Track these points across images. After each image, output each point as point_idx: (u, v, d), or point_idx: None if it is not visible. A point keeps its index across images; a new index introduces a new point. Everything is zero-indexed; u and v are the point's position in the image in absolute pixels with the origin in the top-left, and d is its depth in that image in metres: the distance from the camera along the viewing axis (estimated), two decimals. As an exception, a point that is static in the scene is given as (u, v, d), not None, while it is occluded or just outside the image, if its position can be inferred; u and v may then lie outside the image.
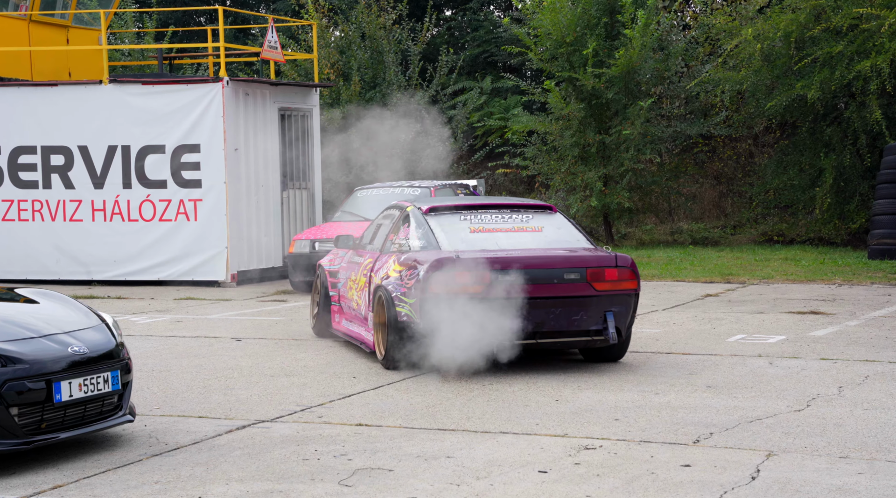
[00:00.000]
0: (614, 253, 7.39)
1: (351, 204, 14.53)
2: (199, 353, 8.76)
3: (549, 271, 7.13)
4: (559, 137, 18.35)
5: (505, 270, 7.03)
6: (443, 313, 6.98)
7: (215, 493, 4.78)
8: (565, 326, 7.21)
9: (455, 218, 7.68)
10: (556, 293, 7.10)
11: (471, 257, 7.10)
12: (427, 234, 7.56)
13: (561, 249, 7.46)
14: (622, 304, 7.30)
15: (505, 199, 8.13)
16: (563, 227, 7.77)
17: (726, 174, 20.88)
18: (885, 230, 14.89)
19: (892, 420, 5.86)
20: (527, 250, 7.33)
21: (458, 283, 6.99)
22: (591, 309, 7.21)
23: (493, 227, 7.59)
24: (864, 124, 15.92)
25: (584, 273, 7.16)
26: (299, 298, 13.08)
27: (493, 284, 7.00)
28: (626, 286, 7.30)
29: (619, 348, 7.60)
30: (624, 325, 7.36)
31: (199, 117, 14.23)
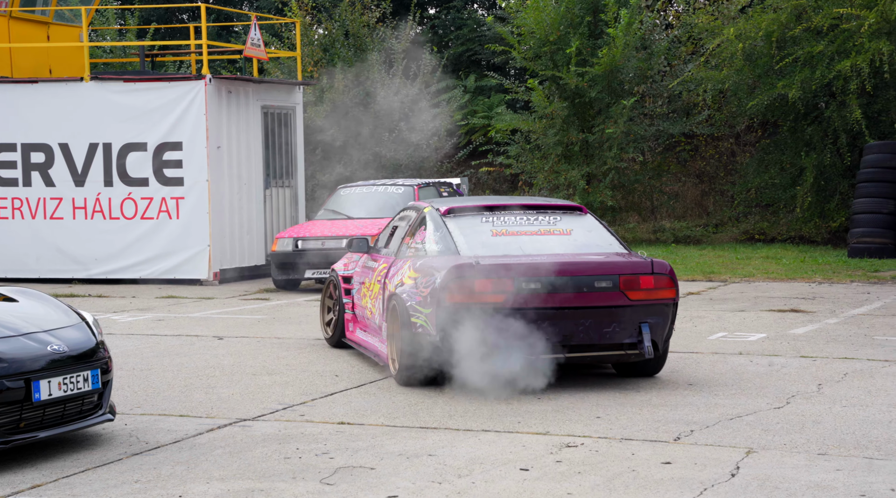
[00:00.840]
0: (650, 259, 6.72)
1: (334, 202, 14.52)
2: (180, 351, 8.73)
3: (577, 279, 6.47)
4: (542, 136, 18.39)
5: (529, 277, 6.41)
6: (461, 325, 6.39)
7: (196, 492, 4.77)
8: (596, 339, 6.55)
9: (476, 220, 7.06)
10: (586, 303, 6.46)
11: (492, 263, 6.50)
12: (445, 237, 6.94)
13: (591, 254, 6.86)
14: (659, 315, 6.64)
15: (531, 200, 7.55)
16: (593, 230, 7.15)
17: (708, 173, 20.98)
18: (864, 229, 14.99)
19: (870, 417, 5.91)
20: (554, 256, 6.68)
21: (477, 291, 6.40)
22: (625, 320, 6.55)
23: (517, 230, 6.96)
24: (844, 124, 16.03)
25: (616, 281, 6.51)
26: (282, 296, 13.05)
27: (516, 293, 6.39)
28: (664, 295, 6.65)
29: (654, 363, 6.95)
30: (661, 338, 6.70)
31: (181, 115, 14.18)
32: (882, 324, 9.49)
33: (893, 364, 7.50)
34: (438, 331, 6.47)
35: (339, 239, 13.33)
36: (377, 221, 13.69)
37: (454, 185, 15.70)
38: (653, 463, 5.04)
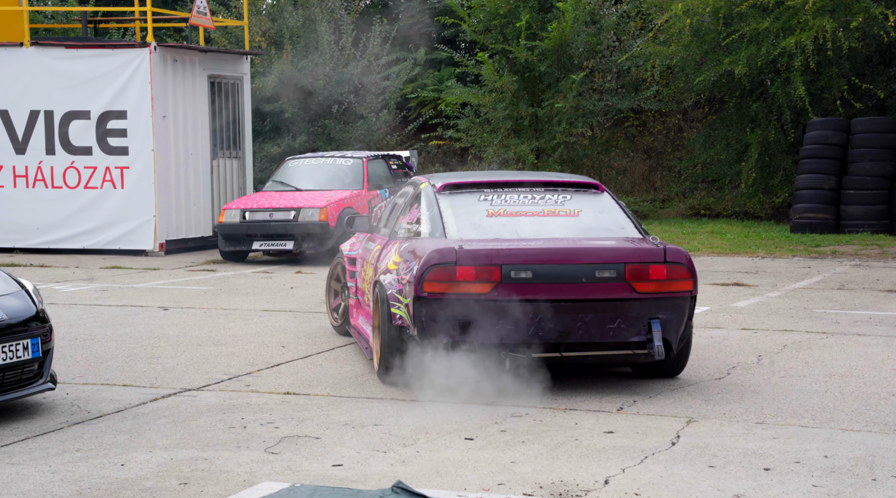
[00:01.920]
0: (663, 245, 5.85)
1: (282, 174, 14.41)
2: (124, 322, 8.62)
3: (575, 268, 5.67)
4: (492, 110, 18.40)
5: (519, 265, 5.63)
6: (440, 319, 5.63)
7: (138, 460, 4.73)
8: (597, 337, 5.70)
9: (473, 198, 6.27)
10: (585, 295, 5.64)
11: (476, 249, 5.70)
12: (434, 217, 6.17)
13: (595, 239, 6.01)
14: (672, 309, 5.76)
15: (544, 175, 6.81)
16: (606, 211, 6.31)
17: (656, 149, 21.17)
18: (806, 204, 15.28)
19: (806, 387, 6.04)
20: (551, 241, 5.90)
21: (458, 281, 5.63)
22: (632, 315, 5.71)
23: (516, 211, 6.17)
24: (788, 100, 16.26)
25: (621, 270, 5.68)
26: (229, 267, 12.95)
27: (503, 284, 5.61)
28: (678, 288, 5.77)
29: (674, 363, 6.13)
30: (675, 336, 5.81)
31: (125, 83, 13.94)
32: (821, 297, 9.70)
33: (831, 336, 7.67)
34: (416, 325, 5.69)
35: (287, 211, 13.25)
36: (326, 193, 13.62)
37: (404, 157, 15.67)
38: (595, 432, 5.11)
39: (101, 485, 4.39)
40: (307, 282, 11.41)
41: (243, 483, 4.39)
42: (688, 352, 6.14)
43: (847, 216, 15.11)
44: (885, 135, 15.06)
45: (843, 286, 10.40)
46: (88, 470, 4.60)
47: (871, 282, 10.70)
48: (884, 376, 6.29)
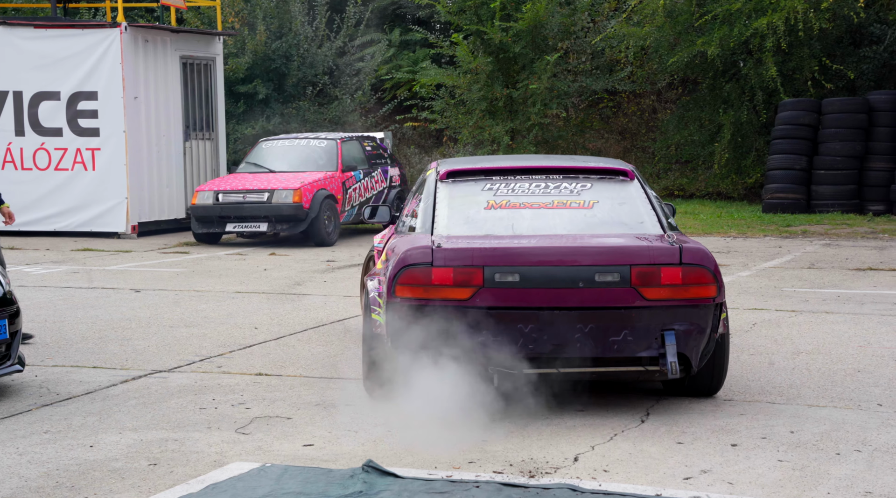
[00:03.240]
0: (681, 244, 5.00)
1: (256, 155, 14.34)
2: (95, 304, 8.58)
3: (570, 270, 4.88)
4: (467, 91, 18.37)
5: (505, 267, 4.88)
6: (416, 328, 4.89)
7: (108, 442, 4.72)
8: (599, 351, 4.90)
9: (477, 187, 5.50)
10: (583, 302, 4.86)
11: (456, 248, 4.98)
12: (427, 210, 5.46)
13: (601, 236, 5.17)
14: (690, 320, 4.90)
15: (567, 160, 6.06)
16: (628, 202, 5.44)
17: (631, 130, 21.23)
18: (778, 185, 15.38)
19: (774, 364, 6.11)
20: (547, 238, 5.11)
21: (435, 285, 4.90)
22: (640, 326, 4.89)
23: (520, 202, 5.37)
24: (760, 81, 16.34)
25: (626, 273, 4.86)
26: (202, 250, 12.89)
27: (485, 288, 4.86)
28: (697, 294, 4.91)
29: (705, 380, 5.26)
30: (695, 350, 4.94)
31: (95, 63, 13.80)
32: (791, 276, 9.79)
33: (799, 314, 7.75)
34: (389, 335, 5.01)
35: (260, 193, 13.20)
36: (299, 175, 13.57)
37: (378, 139, 15.64)
38: (567, 411, 5.14)
39: (70, 466, 4.38)
40: (281, 263, 11.39)
41: (213, 463, 4.39)
42: (724, 366, 5.24)
43: (818, 196, 15.23)
44: (854, 115, 15.18)
45: (813, 265, 10.51)
46: (56, 452, 4.58)
47: (841, 261, 10.81)
48: (850, 353, 6.37)
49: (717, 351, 5.17)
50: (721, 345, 5.19)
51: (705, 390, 5.31)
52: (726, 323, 5.20)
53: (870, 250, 11.62)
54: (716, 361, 5.21)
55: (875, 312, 7.76)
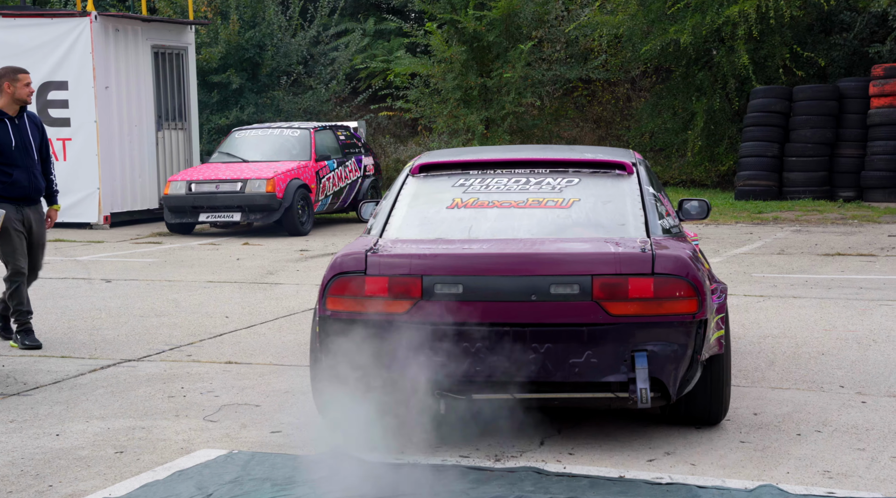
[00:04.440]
0: (654, 251, 4.24)
1: (229, 145, 14.29)
2: (65, 294, 8.54)
3: (521, 281, 4.19)
4: (441, 80, 18.37)
5: (446, 276, 4.24)
6: (348, 347, 4.27)
7: (74, 430, 4.71)
8: (559, 375, 4.21)
9: (448, 183, 4.91)
10: (537, 318, 4.18)
11: (392, 254, 4.36)
12: (386, 209, 4.88)
13: (565, 240, 4.46)
14: (666, 339, 4.19)
15: (555, 152, 5.23)
16: (615, 200, 4.74)
17: (605, 118, 21.30)
18: (750, 172, 15.50)
19: (741, 348, 6.17)
20: (501, 244, 4.43)
21: (369, 296, 4.29)
22: (605, 347, 4.19)
23: (490, 200, 4.75)
24: (732, 69, 16.44)
25: (587, 285, 4.16)
26: (175, 240, 12.84)
27: (424, 301, 4.23)
28: (673, 309, 4.19)
29: (702, 408, 4.55)
30: (672, 376, 4.21)
31: (66, 53, 13.70)
32: (760, 262, 9.88)
33: (767, 299, 7.84)
34: (322, 353, 4.39)
35: (233, 182, 13.15)
36: (273, 165, 13.54)
37: (352, 128, 15.61)
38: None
39: (35, 455, 4.38)
40: (254, 253, 11.36)
41: (181, 451, 4.39)
42: (722, 391, 4.51)
43: (789, 183, 15.36)
44: (825, 102, 15.30)
45: (783, 251, 10.61)
46: (22, 440, 4.57)
47: (810, 246, 10.92)
48: (815, 337, 6.45)
49: (711, 375, 4.44)
50: (716, 368, 4.45)
51: (703, 419, 4.58)
52: (723, 342, 4.45)
53: (839, 236, 11.75)
54: (712, 385, 4.46)
55: (841, 297, 7.85)
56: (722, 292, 4.71)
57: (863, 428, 4.57)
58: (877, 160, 14.87)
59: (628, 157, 5.03)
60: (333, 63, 21.60)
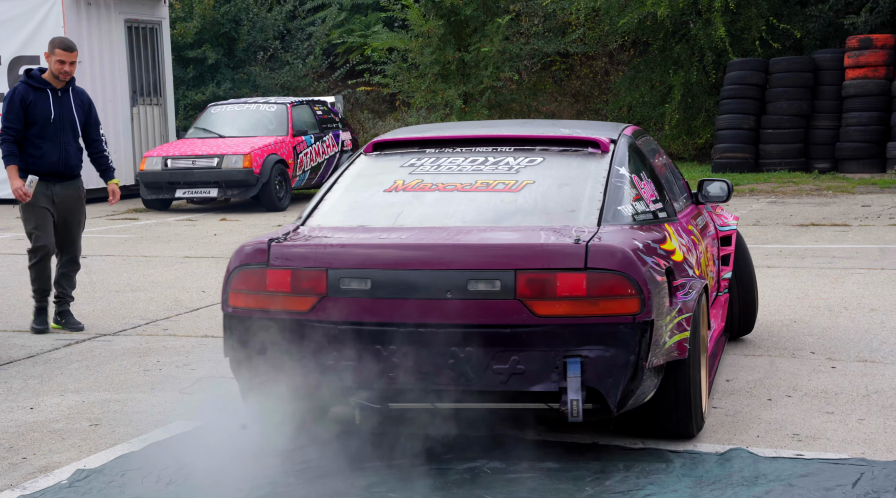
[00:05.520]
0: (586, 241, 3.69)
1: (205, 120, 14.20)
2: (40, 270, 8.48)
3: (436, 276, 3.68)
4: (419, 55, 18.29)
5: (353, 270, 3.75)
6: (250, 349, 3.83)
7: (49, 404, 4.71)
8: (482, 383, 3.68)
9: (397, 162, 4.46)
10: (453, 318, 3.66)
11: (297, 245, 3.88)
12: (322, 192, 4.48)
13: (489, 230, 3.92)
14: (603, 344, 3.64)
15: (525, 128, 4.81)
16: (574, 183, 4.19)
17: (584, 92, 21.29)
18: (727, 144, 15.56)
19: (715, 317, 6.23)
20: (420, 233, 3.93)
21: (270, 292, 3.82)
22: (532, 352, 3.65)
23: (434, 182, 4.27)
24: (709, 41, 16.46)
25: (509, 280, 3.63)
26: (152, 216, 12.78)
27: (330, 297, 3.74)
28: (610, 309, 3.64)
29: (669, 421, 4.00)
30: (612, 386, 3.65)
31: (37, 27, 13.55)
32: (736, 233, 9.94)
33: (742, 269, 7.90)
34: (227, 355, 3.97)
35: (210, 158, 13.09)
36: (249, 140, 13.47)
37: (329, 103, 15.54)
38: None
39: (8, 428, 4.37)
40: (231, 228, 11.33)
41: (156, 423, 4.40)
42: (690, 402, 3.95)
43: (766, 155, 15.44)
44: (800, 74, 15.36)
45: (758, 222, 10.67)
46: (-4, 414, 4.57)
47: (785, 217, 11.00)
48: (788, 305, 6.52)
49: (676, 383, 3.91)
50: (681, 375, 3.90)
51: (673, 433, 4.02)
52: (688, 346, 3.88)
53: (814, 207, 11.83)
54: (678, 395, 3.91)
55: (815, 266, 7.93)
56: (691, 288, 4.03)
57: (832, 392, 4.64)
58: (851, 131, 14.96)
59: (610, 133, 4.48)
60: (310, 38, 21.45)
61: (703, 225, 5.05)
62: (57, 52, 6.00)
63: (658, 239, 4.02)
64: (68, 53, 6.02)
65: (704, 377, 4.19)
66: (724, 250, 5.44)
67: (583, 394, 3.60)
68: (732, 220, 5.67)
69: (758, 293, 5.75)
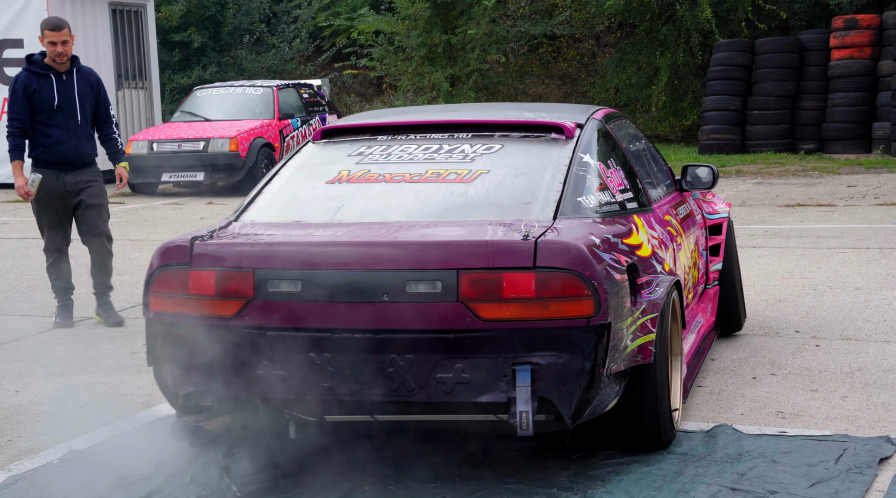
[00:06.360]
0: (536, 237, 3.34)
1: (191, 104, 14.14)
2: (25, 254, 8.46)
3: (372, 276, 3.35)
4: (406, 38, 18.23)
5: (282, 270, 3.41)
6: (173, 357, 3.50)
7: (34, 386, 4.70)
8: (425, 394, 3.35)
9: (346, 151, 4.10)
10: (387, 323, 3.34)
11: (222, 243, 3.52)
12: (263, 182, 4.12)
13: (431, 225, 3.56)
14: (555, 349, 3.31)
15: (485, 112, 4.49)
16: (531, 173, 3.84)
17: (570, 75, 21.28)
18: (713, 126, 15.58)
19: (700, 297, 6.26)
20: (357, 229, 3.55)
21: (193, 295, 3.47)
22: (477, 359, 3.33)
23: (381, 173, 3.89)
24: (695, 23, 16.45)
25: (452, 281, 3.30)
26: (138, 200, 12.73)
27: (257, 301, 3.41)
28: (562, 312, 3.30)
29: (633, 431, 3.67)
30: (566, 395, 3.31)
31: (20, 10, 13.45)
32: (722, 214, 9.97)
33: (728, 249, 7.93)
34: (149, 360, 3.61)
35: (196, 141, 13.03)
36: (235, 124, 13.42)
37: (315, 86, 15.49)
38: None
39: (-5, 410, 4.37)
40: (218, 212, 11.30)
41: (142, 405, 4.40)
42: (657, 409, 3.61)
43: (752, 136, 15.46)
44: (786, 55, 15.37)
45: (745, 203, 10.71)
46: (-19, 397, 4.56)
47: (771, 198, 11.04)
48: (773, 284, 6.55)
49: (641, 389, 3.58)
50: (647, 380, 3.57)
51: (640, 445, 3.68)
52: (653, 349, 3.56)
53: (799, 187, 11.88)
54: (644, 403, 3.58)
55: (800, 246, 7.96)
56: (658, 286, 3.68)
57: (816, 370, 4.67)
58: (837, 112, 14.99)
59: (577, 117, 4.16)
60: (296, 21, 21.36)
61: (686, 214, 4.72)
62: (46, 34, 5.72)
63: (621, 232, 3.67)
64: (56, 33, 5.69)
65: (678, 382, 3.90)
66: (713, 240, 5.13)
67: (533, 404, 3.25)
68: (723, 208, 5.28)
69: (742, 291, 5.33)
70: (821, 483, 3.34)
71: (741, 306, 5.32)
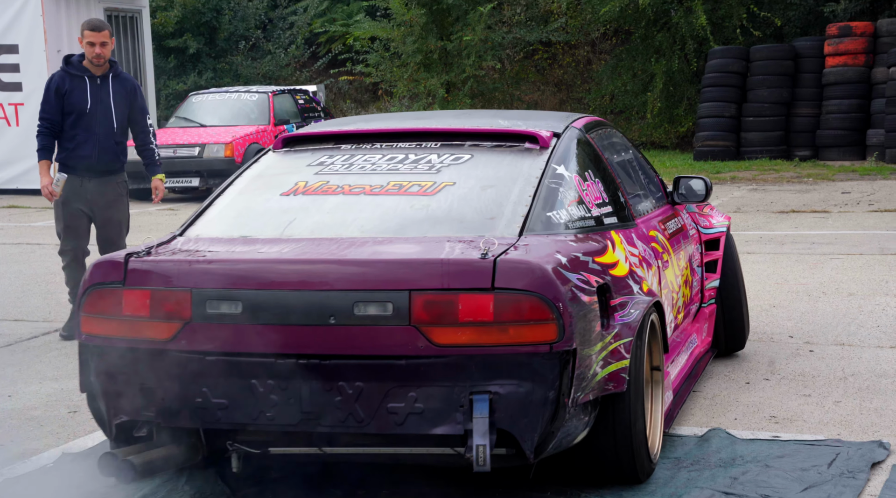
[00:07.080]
0: (496, 255, 3.10)
1: (186, 109, 14.14)
2: (18, 259, 8.45)
3: (318, 297, 3.11)
4: (401, 44, 18.26)
5: (221, 290, 3.17)
6: (107, 383, 3.24)
7: (27, 392, 4.69)
8: (374, 425, 3.10)
9: (306, 160, 3.87)
10: (339, 349, 3.10)
11: (158, 261, 3.28)
12: (214, 193, 3.88)
13: (384, 242, 3.30)
14: (516, 378, 3.06)
15: (457, 120, 4.29)
16: (501, 185, 3.59)
17: (566, 81, 21.31)
18: (708, 132, 15.62)
19: (695, 302, 6.26)
20: (311, 245, 3.31)
21: (127, 316, 3.23)
22: (432, 388, 3.08)
23: (339, 185, 3.66)
24: (690, 29, 16.50)
25: (403, 303, 3.06)
26: (132, 205, 12.65)
27: (195, 324, 3.17)
28: (522, 337, 3.05)
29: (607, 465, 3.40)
30: (527, 427, 3.06)
31: (15, 16, 13.44)
32: (717, 220, 9.99)
33: (722, 255, 7.94)
34: (82, 386, 3.34)
35: (191, 147, 13.03)
36: (231, 129, 13.41)
37: (311, 92, 15.50)
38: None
39: (-13, 415, 4.35)
40: (212, 218, 11.29)
41: (135, 409, 4.38)
42: (630, 439, 3.34)
43: (747, 143, 15.50)
44: (781, 62, 15.42)
45: (739, 209, 10.72)
46: (-26, 401, 4.54)
47: (766, 204, 11.06)
48: (767, 290, 6.56)
49: (614, 420, 3.31)
50: (619, 410, 3.30)
51: (616, 477, 3.40)
52: (627, 376, 3.28)
53: (794, 194, 11.90)
54: (618, 434, 3.32)
55: (794, 252, 7.98)
56: (634, 307, 3.41)
57: (809, 375, 4.67)
58: (832, 119, 15.03)
59: (555, 125, 3.91)
60: (292, 27, 21.38)
61: (677, 228, 4.41)
62: (85, 34, 5.50)
63: (593, 250, 3.39)
64: (96, 33, 5.47)
65: (659, 410, 3.64)
66: (710, 255, 4.84)
67: (492, 438, 2.99)
68: (721, 221, 4.97)
69: (747, 308, 5.04)
70: (814, 487, 3.34)
71: (746, 324, 5.01)
